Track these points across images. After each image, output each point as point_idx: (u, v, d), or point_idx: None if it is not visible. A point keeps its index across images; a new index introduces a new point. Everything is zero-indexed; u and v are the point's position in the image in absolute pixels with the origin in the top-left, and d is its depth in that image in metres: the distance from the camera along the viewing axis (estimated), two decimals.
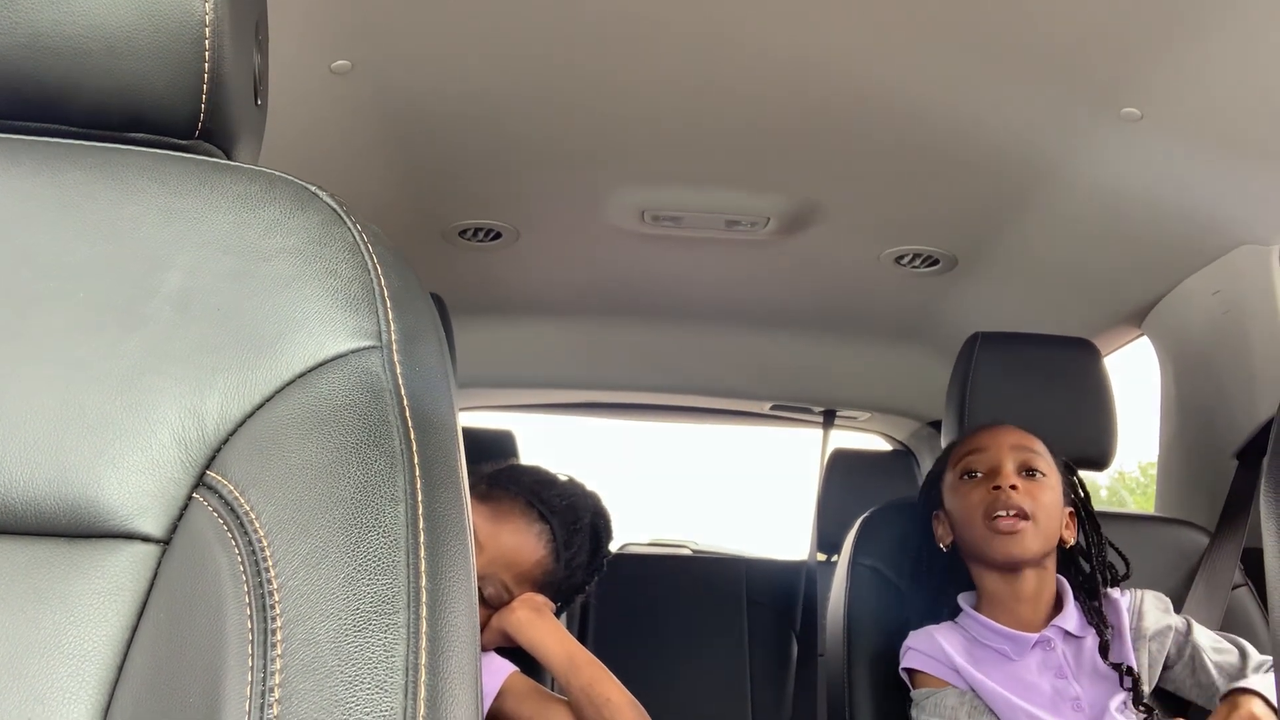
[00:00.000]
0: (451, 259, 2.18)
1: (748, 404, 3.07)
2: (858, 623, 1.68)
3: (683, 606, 2.62)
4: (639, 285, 2.36)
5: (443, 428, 0.56)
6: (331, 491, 0.50)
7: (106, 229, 0.58)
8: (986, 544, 1.51)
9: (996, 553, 1.51)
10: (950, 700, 1.47)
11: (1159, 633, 1.53)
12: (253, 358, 0.55)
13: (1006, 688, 1.47)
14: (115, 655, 0.51)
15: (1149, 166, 1.65)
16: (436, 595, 0.49)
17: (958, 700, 1.47)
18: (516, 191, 1.92)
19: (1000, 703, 1.46)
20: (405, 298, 0.59)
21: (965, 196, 1.85)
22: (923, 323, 2.41)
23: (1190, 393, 2.00)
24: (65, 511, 0.53)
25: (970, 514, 1.52)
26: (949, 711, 1.47)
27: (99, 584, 0.52)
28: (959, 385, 1.76)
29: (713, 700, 2.50)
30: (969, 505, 1.52)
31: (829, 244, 2.07)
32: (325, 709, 0.44)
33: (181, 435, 0.54)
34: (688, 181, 1.88)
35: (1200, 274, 1.89)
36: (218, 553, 0.50)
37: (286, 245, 0.58)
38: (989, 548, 1.51)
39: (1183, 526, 1.80)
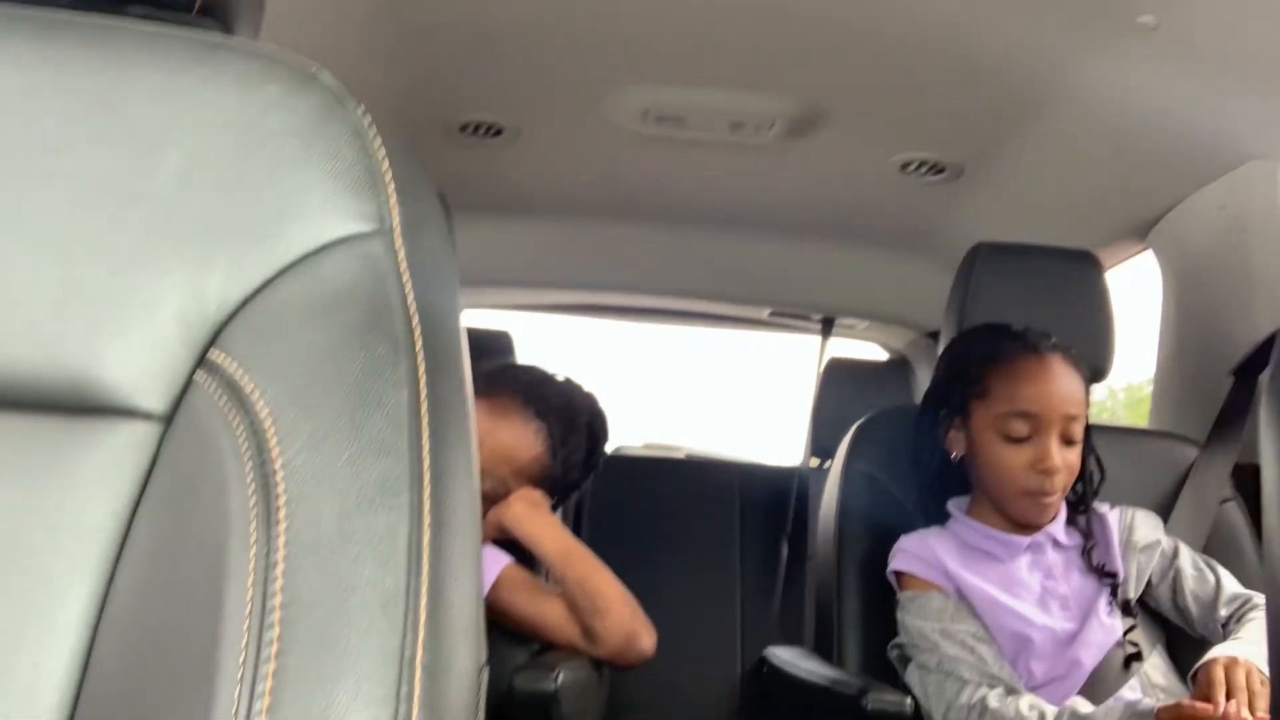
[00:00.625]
0: (453, 154, 2.15)
1: (746, 310, 3.07)
2: (849, 526, 1.70)
3: (675, 508, 2.65)
4: (640, 187, 2.34)
5: (446, 314, 0.56)
6: (335, 374, 0.50)
7: (105, 105, 0.56)
8: (1013, 505, 1.51)
9: (1021, 515, 1.51)
10: (935, 603, 1.50)
11: (1148, 546, 1.56)
12: (254, 238, 0.54)
13: (997, 585, 1.50)
14: (118, 530, 0.52)
15: (1161, 78, 1.63)
16: (439, 477, 0.49)
17: (942, 603, 1.50)
18: (519, 86, 1.89)
19: (987, 604, 1.48)
20: (409, 183, 0.58)
21: (974, 104, 1.82)
22: (925, 232, 2.40)
23: (1191, 308, 2.00)
24: (66, 387, 0.53)
25: (1008, 478, 1.49)
26: (934, 613, 1.49)
27: (101, 460, 0.52)
28: (959, 295, 1.75)
29: (702, 599, 2.54)
30: (1007, 467, 1.49)
31: (835, 149, 2.04)
32: (328, 586, 0.44)
33: (183, 314, 0.53)
34: (692, 82, 1.85)
35: (1207, 189, 1.87)
36: (220, 431, 0.50)
37: (288, 125, 0.57)
38: (1014, 508, 1.51)
39: (1174, 440, 1.81)
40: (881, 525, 1.66)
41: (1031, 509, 1.50)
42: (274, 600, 0.44)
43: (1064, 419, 1.48)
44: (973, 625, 1.47)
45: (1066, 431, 1.48)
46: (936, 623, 1.48)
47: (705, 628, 2.52)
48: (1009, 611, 1.48)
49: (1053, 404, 1.48)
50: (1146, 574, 1.55)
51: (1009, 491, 1.50)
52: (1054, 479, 1.47)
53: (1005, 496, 1.51)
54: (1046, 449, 1.47)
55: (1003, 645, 1.47)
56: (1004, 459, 1.49)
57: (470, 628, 0.47)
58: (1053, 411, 1.47)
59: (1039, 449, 1.47)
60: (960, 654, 1.44)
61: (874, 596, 1.64)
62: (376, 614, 0.44)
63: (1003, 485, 1.51)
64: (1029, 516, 1.51)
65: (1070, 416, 1.48)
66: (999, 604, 1.48)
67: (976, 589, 1.49)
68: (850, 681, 1.47)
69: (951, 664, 1.44)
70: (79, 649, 0.49)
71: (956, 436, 1.57)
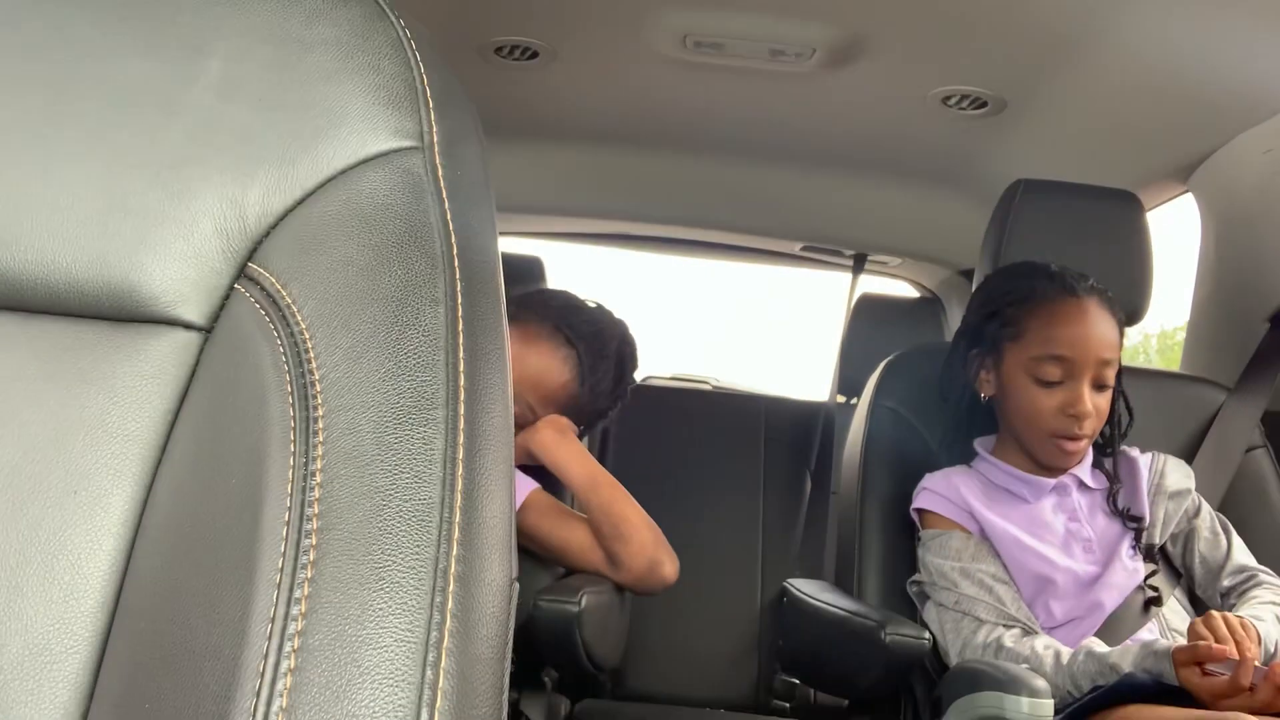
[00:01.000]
0: (486, 77, 2.13)
1: (779, 244, 3.05)
2: (874, 462, 1.70)
3: (701, 439, 2.66)
4: (676, 115, 2.31)
5: (482, 232, 0.56)
6: (373, 289, 0.50)
7: (144, 11, 0.56)
8: (1040, 448, 1.50)
9: (1048, 459, 1.51)
10: (955, 542, 1.51)
11: (1178, 493, 1.55)
12: (294, 151, 0.54)
13: (1021, 526, 1.50)
14: (158, 436, 0.52)
15: (1206, 18, 1.59)
16: (474, 394, 0.49)
17: (963, 543, 1.50)
18: (556, 8, 1.87)
19: (1010, 545, 1.49)
20: (448, 99, 0.58)
21: (1017, 38, 1.79)
22: (964, 168, 2.36)
23: (1230, 253, 1.97)
24: (107, 295, 0.53)
25: (1039, 421, 1.48)
26: (953, 553, 1.50)
27: (142, 367, 0.53)
28: (996, 232, 1.74)
29: (725, 530, 2.56)
30: (1038, 411, 1.48)
31: (875, 80, 2.01)
32: (365, 494, 0.45)
33: (223, 225, 0.54)
34: (733, 6, 1.82)
35: (1252, 132, 1.84)
36: (259, 342, 0.51)
37: (328, 36, 0.56)
38: (1042, 453, 1.50)
39: (1204, 385, 1.80)
40: (906, 462, 1.66)
41: (1058, 453, 1.49)
42: (312, 508, 0.45)
43: (1098, 364, 1.46)
44: (992, 566, 1.48)
45: (1099, 376, 1.47)
46: (956, 561, 1.48)
47: (727, 558, 2.54)
48: (1032, 553, 1.48)
49: (1089, 349, 1.46)
50: (1174, 521, 1.55)
51: (1037, 434, 1.49)
52: (1083, 424, 1.46)
53: (1033, 439, 1.51)
54: (1079, 394, 1.45)
55: (1024, 586, 1.48)
56: (1034, 401, 1.48)
57: (503, 541, 0.48)
58: (1088, 356, 1.46)
59: (1071, 393, 1.46)
60: (978, 594, 1.45)
61: (895, 532, 1.65)
62: (412, 523, 0.45)
63: (1031, 427, 1.50)
64: (1055, 460, 1.50)
65: (1104, 361, 1.46)
66: (1022, 545, 1.48)
67: (1000, 529, 1.50)
68: (870, 614, 1.49)
69: (969, 604, 1.45)
70: (119, 551, 0.50)
71: (987, 377, 1.56)
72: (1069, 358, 1.46)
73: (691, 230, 3.00)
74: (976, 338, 1.58)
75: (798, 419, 2.76)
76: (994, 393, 1.56)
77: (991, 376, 1.55)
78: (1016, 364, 1.51)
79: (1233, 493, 1.68)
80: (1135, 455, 1.59)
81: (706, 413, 2.77)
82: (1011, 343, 1.52)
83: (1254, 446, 1.72)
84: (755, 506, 2.63)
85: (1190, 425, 1.74)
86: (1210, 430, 1.73)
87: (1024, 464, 1.54)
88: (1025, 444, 1.53)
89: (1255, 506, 1.69)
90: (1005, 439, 1.57)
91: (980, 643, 1.42)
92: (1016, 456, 1.55)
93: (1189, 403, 1.77)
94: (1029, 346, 1.50)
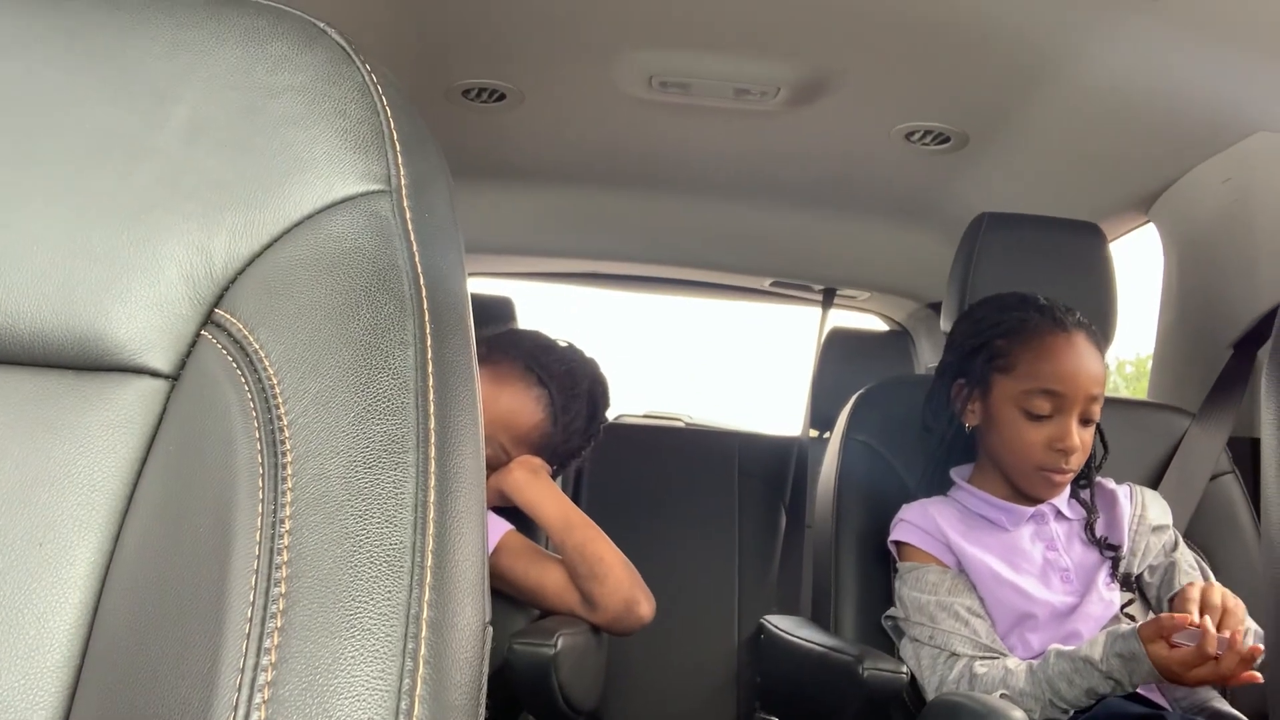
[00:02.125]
0: (454, 119, 2.14)
1: (748, 280, 3.07)
2: (847, 496, 1.70)
3: (675, 476, 2.66)
4: (644, 154, 2.33)
5: (451, 275, 0.56)
6: (341, 333, 0.50)
7: (112, 58, 0.56)
8: (1026, 480, 1.50)
9: (1031, 490, 1.51)
10: (932, 576, 1.50)
11: (1159, 528, 1.56)
12: (261, 196, 0.54)
13: (999, 556, 1.50)
14: (125, 486, 0.52)
15: (1167, 49, 1.62)
16: (445, 437, 0.49)
17: (939, 576, 1.50)
18: (523, 51, 1.88)
19: (988, 578, 1.49)
20: (415, 142, 0.58)
21: (980, 73, 1.82)
22: (929, 203, 2.39)
23: (1193, 281, 2.00)
24: (73, 344, 0.53)
25: (1026, 453, 1.48)
26: (930, 586, 1.50)
27: (108, 416, 0.53)
28: (963, 265, 1.75)
29: (701, 567, 2.55)
30: (1026, 443, 1.48)
31: (840, 117, 2.03)
32: (335, 540, 0.45)
33: (189, 271, 0.53)
34: (698, 46, 1.84)
35: (1211, 161, 1.87)
36: (227, 389, 0.50)
37: (294, 83, 0.56)
38: (1025, 483, 1.51)
39: (1170, 411, 1.82)
40: (879, 496, 1.67)
41: (1043, 485, 1.50)
42: (281, 556, 0.44)
43: (1087, 399, 1.47)
44: (969, 599, 1.48)
45: (1087, 411, 1.47)
46: (933, 595, 1.48)
47: (703, 596, 2.53)
48: (1010, 586, 1.48)
49: (1078, 384, 1.47)
50: (1154, 554, 1.55)
51: (1024, 467, 1.50)
52: (1071, 458, 1.47)
53: (1019, 471, 1.51)
54: (1067, 428, 1.46)
55: (1002, 618, 1.48)
56: (1023, 434, 1.48)
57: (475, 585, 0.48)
58: (1078, 391, 1.46)
59: (1059, 427, 1.46)
60: (955, 627, 1.45)
61: (871, 566, 1.65)
62: (383, 569, 0.44)
63: (1018, 460, 1.50)
64: (1039, 492, 1.51)
65: (1092, 397, 1.47)
66: (1000, 578, 1.48)
67: (977, 562, 1.50)
68: (847, 649, 1.48)
69: (945, 638, 1.45)
70: (86, 603, 0.50)
71: (973, 408, 1.56)
72: (1060, 392, 1.47)
73: (661, 268, 3.01)
74: (963, 369, 1.58)
75: (771, 454, 2.76)
76: (979, 423, 1.56)
77: (978, 408, 1.55)
78: (1006, 397, 1.51)
79: (1203, 520, 1.69)
80: (1113, 486, 1.59)
81: (680, 450, 2.77)
82: (1001, 375, 1.52)
83: (1222, 472, 1.73)
84: (731, 543, 2.62)
85: (1156, 452, 1.76)
86: (1175, 456, 1.74)
87: (1002, 492, 1.55)
88: (1010, 475, 1.53)
89: (1226, 533, 1.70)
90: (984, 467, 1.58)
91: (955, 676, 1.42)
92: (995, 485, 1.55)
93: (1155, 430, 1.78)
94: (1020, 380, 1.50)
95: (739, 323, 5.06)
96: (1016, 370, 1.50)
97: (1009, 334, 1.53)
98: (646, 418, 3.14)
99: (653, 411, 3.19)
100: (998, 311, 1.57)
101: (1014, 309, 1.55)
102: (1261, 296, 1.79)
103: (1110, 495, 1.58)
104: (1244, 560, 1.66)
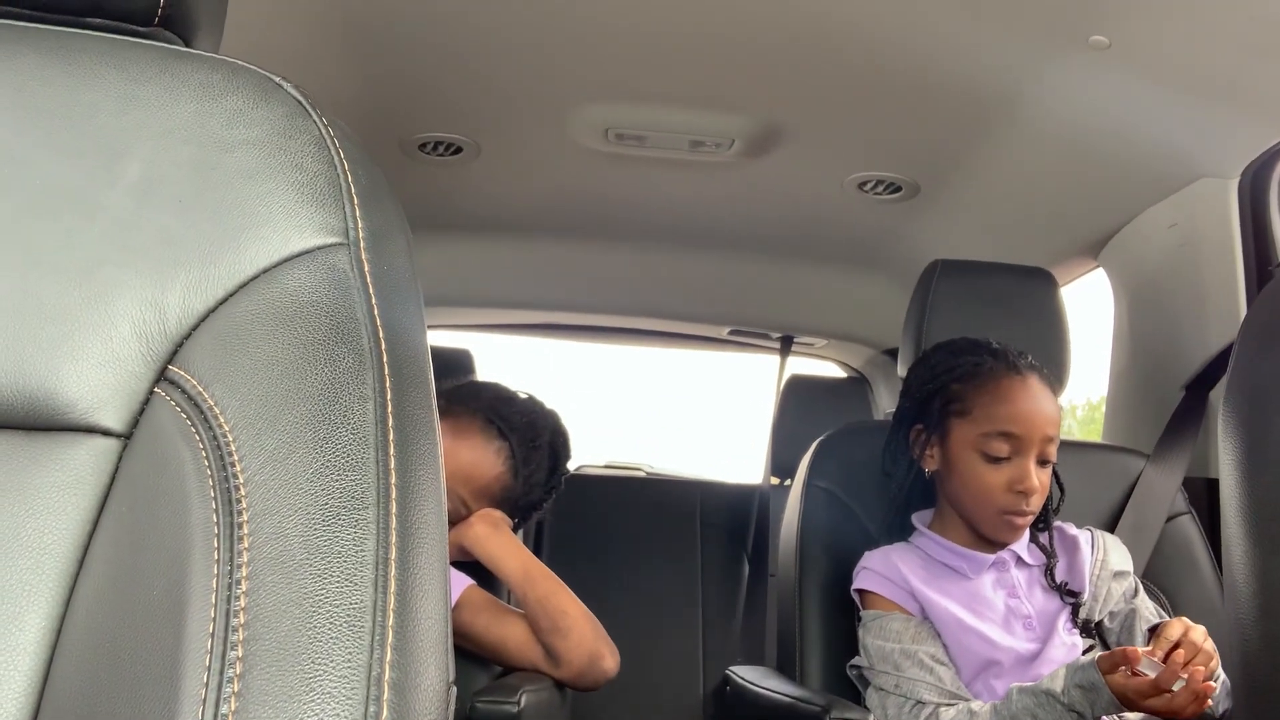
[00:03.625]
0: (411, 172, 2.14)
1: (706, 328, 3.08)
2: (810, 543, 1.70)
3: (637, 527, 2.65)
4: (601, 206, 2.34)
5: (411, 328, 0.55)
6: (299, 387, 0.50)
7: (63, 115, 0.55)
8: (987, 524, 1.51)
9: (992, 533, 1.51)
10: (896, 624, 1.50)
11: (1120, 573, 1.57)
12: (215, 251, 0.54)
13: (962, 604, 1.50)
14: (76, 548, 0.50)
15: (1113, 97, 1.65)
16: (406, 492, 0.48)
17: (903, 624, 1.50)
18: (479, 105, 1.89)
19: (952, 625, 1.48)
20: (373, 195, 0.58)
21: (930, 123, 1.85)
22: (883, 251, 2.42)
23: (1143, 324, 2.03)
24: (22, 403, 0.52)
25: (986, 497, 1.48)
26: (894, 635, 1.49)
27: (58, 477, 0.51)
28: (917, 311, 1.77)
29: (665, 617, 2.53)
30: (985, 486, 1.48)
31: (793, 168, 2.06)
32: (293, 601, 0.44)
33: (142, 328, 0.53)
34: (653, 100, 1.85)
35: (1158, 206, 1.91)
36: (181, 448, 0.49)
37: (250, 137, 0.56)
38: (986, 527, 1.51)
39: (1124, 453, 1.83)
40: (842, 542, 1.66)
41: (1004, 528, 1.50)
42: (238, 618, 0.43)
43: (1043, 440, 1.48)
44: (933, 647, 1.47)
45: (1044, 453, 1.48)
46: (897, 644, 1.48)
47: (668, 647, 2.51)
48: (974, 633, 1.48)
49: (1034, 425, 1.48)
50: (1115, 600, 1.55)
51: (985, 510, 1.50)
52: (1030, 500, 1.47)
53: (980, 515, 1.51)
54: (1025, 469, 1.46)
55: (966, 665, 1.48)
56: (982, 478, 1.49)
57: (438, 643, 0.47)
58: (1034, 433, 1.47)
59: (1018, 469, 1.47)
60: (920, 675, 1.44)
61: (835, 614, 1.64)
62: (343, 629, 0.43)
63: (978, 504, 1.50)
64: (1000, 535, 1.51)
65: (1049, 438, 1.49)
66: (964, 625, 1.48)
67: (941, 609, 1.49)
68: (814, 699, 1.47)
69: (910, 685, 1.44)
70: (37, 670, 0.48)
71: (931, 453, 1.56)
72: (1017, 434, 1.48)
73: (619, 318, 3.02)
74: (920, 414, 1.59)
75: (733, 503, 2.76)
76: (938, 468, 1.56)
77: (936, 453, 1.56)
78: (964, 441, 1.52)
79: (1162, 561, 1.70)
80: (1074, 532, 1.60)
81: (641, 500, 2.76)
82: (958, 419, 1.53)
83: (1179, 513, 1.75)
84: (694, 593, 2.61)
85: (1112, 494, 1.77)
86: (1130, 498, 1.75)
87: (963, 539, 1.55)
88: (971, 520, 1.53)
89: (1185, 574, 1.71)
90: (945, 513, 1.58)
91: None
92: (955, 531, 1.55)
93: (1110, 472, 1.79)
94: (977, 423, 1.50)
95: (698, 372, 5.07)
96: (973, 414, 1.51)
97: (964, 378, 1.54)
98: (608, 468, 3.13)
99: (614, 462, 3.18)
100: (951, 356, 1.58)
101: (968, 353, 1.57)
102: (1211, 338, 1.82)
103: (1071, 541, 1.58)
104: (1204, 600, 1.67)
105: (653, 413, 4.92)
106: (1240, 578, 0.91)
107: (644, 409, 4.69)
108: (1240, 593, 0.91)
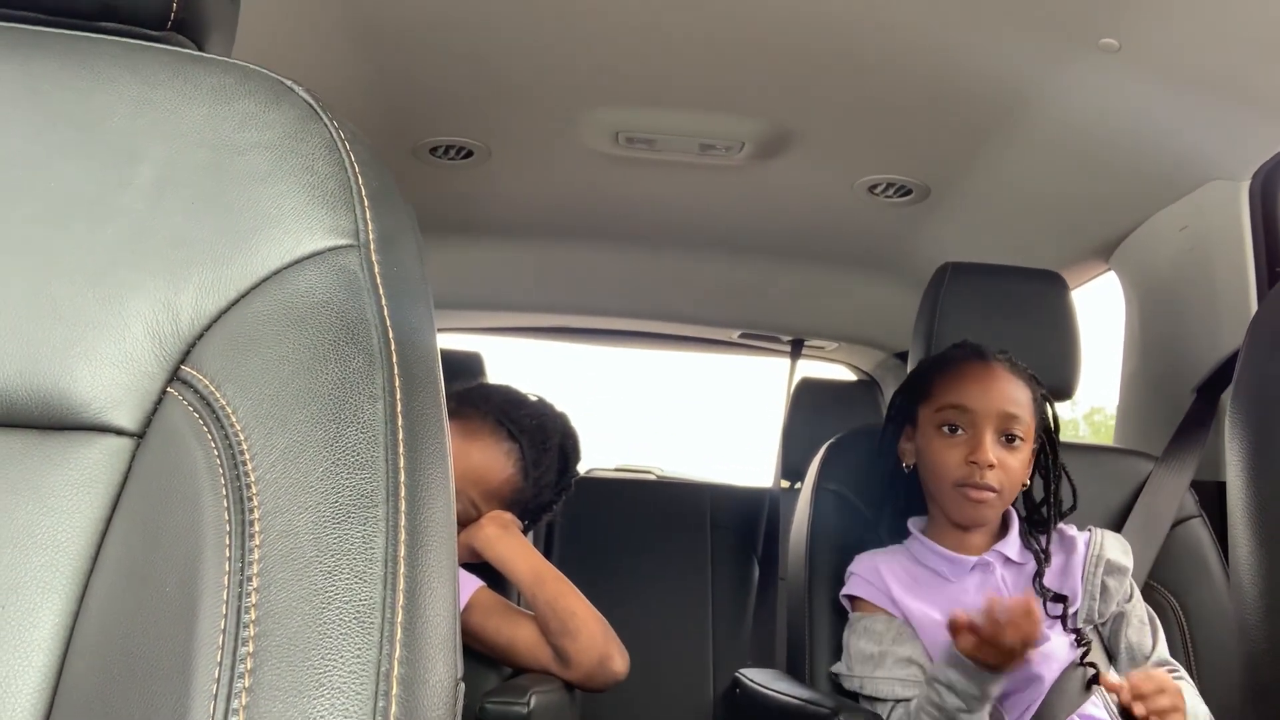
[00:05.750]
0: (422, 176, 2.15)
1: (716, 331, 3.08)
2: (820, 546, 1.70)
3: (647, 529, 2.65)
4: (610, 209, 2.34)
5: (421, 328, 0.56)
6: (309, 387, 0.50)
7: (77, 118, 0.56)
8: (950, 502, 1.52)
9: (958, 515, 1.52)
10: (878, 626, 1.51)
11: (1118, 569, 1.56)
12: (227, 253, 0.54)
13: (941, 609, 1.50)
14: (89, 546, 0.51)
15: (1124, 99, 1.65)
16: (415, 491, 0.49)
17: (885, 625, 1.51)
18: (489, 109, 1.90)
19: (932, 629, 1.49)
20: (383, 197, 0.59)
21: (940, 126, 1.85)
22: (893, 254, 2.42)
23: (1154, 327, 2.02)
24: (37, 403, 0.52)
25: (943, 471, 1.52)
26: (876, 635, 1.50)
27: (72, 475, 0.52)
28: (927, 314, 1.77)
29: (674, 620, 2.53)
30: (943, 462, 1.51)
31: (803, 171, 2.06)
32: (304, 598, 0.44)
33: (155, 329, 0.53)
34: (663, 103, 1.86)
35: (1169, 209, 1.90)
36: (193, 446, 0.50)
37: (262, 140, 0.57)
38: (952, 507, 1.53)
39: (1134, 456, 1.83)
40: (851, 545, 1.66)
41: (964, 504, 1.50)
42: (249, 614, 0.44)
43: (1000, 415, 1.50)
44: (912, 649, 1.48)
45: (1005, 428, 1.50)
46: (878, 645, 1.49)
47: (677, 649, 2.51)
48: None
49: (989, 399, 1.51)
50: (1112, 597, 1.55)
51: (945, 486, 1.52)
52: (985, 472, 1.48)
53: (942, 493, 1.53)
54: (980, 441, 1.49)
55: None
56: (940, 453, 1.52)
57: (446, 640, 0.47)
58: (989, 406, 1.50)
59: (972, 441, 1.50)
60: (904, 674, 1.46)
61: (845, 617, 1.64)
62: (353, 626, 0.44)
63: (939, 481, 1.53)
64: (963, 513, 1.52)
65: (1008, 415, 1.51)
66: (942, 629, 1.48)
67: (919, 615, 1.50)
68: (823, 701, 1.47)
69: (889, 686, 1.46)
70: (50, 666, 0.49)
71: (907, 445, 1.60)
72: (970, 407, 1.51)
73: (630, 321, 3.02)
74: (897, 412, 1.64)
75: (743, 506, 2.76)
76: (914, 460, 1.58)
77: (910, 446, 1.59)
78: (927, 421, 1.56)
79: (1173, 565, 1.70)
80: (1074, 533, 1.59)
81: (652, 503, 2.76)
82: (923, 403, 1.57)
83: (1189, 516, 1.74)
84: (704, 596, 2.61)
85: (1120, 497, 1.77)
86: (1139, 500, 1.75)
87: (950, 540, 1.55)
88: (939, 502, 1.55)
89: (1196, 577, 1.71)
90: (934, 514, 1.59)
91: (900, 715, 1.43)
92: (942, 531, 1.56)
93: (1119, 474, 1.79)
94: (934, 400, 1.55)
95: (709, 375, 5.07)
96: (932, 393, 1.56)
97: (930, 369, 1.60)
98: (618, 471, 3.13)
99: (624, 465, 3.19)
100: (931, 358, 1.65)
101: (945, 352, 1.62)
102: (1222, 340, 1.82)
103: (1070, 542, 1.58)
104: (1214, 603, 1.67)
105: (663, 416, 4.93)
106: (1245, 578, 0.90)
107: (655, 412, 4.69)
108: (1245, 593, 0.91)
